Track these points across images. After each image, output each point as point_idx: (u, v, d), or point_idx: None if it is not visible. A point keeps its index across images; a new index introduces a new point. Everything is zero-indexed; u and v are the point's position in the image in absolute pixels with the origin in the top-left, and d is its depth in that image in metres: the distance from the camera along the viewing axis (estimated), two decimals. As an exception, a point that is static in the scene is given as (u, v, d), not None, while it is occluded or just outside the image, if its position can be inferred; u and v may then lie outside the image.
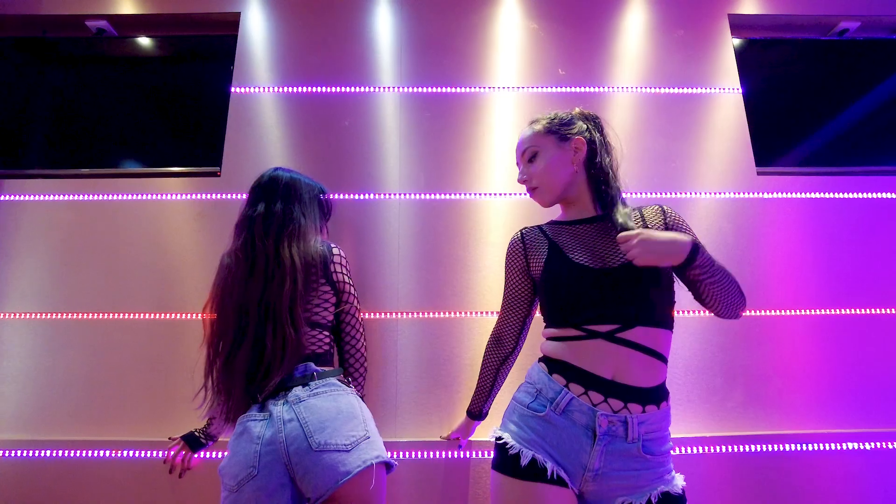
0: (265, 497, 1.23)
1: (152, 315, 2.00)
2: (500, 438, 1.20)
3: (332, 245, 1.55)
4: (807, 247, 2.11)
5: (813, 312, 2.03)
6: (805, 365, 1.98)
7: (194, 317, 1.98)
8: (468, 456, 1.80)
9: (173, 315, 1.99)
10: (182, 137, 2.29)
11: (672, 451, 1.19)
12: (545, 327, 1.30)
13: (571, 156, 1.32)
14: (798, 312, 2.03)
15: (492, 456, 1.22)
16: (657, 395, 1.15)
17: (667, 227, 1.29)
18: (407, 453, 1.80)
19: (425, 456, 1.80)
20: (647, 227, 1.28)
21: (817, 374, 1.97)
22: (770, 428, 1.90)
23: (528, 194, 1.40)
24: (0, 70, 2.38)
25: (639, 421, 1.11)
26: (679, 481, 1.14)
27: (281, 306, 1.36)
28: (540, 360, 1.28)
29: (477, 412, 1.60)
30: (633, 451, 1.11)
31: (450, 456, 1.80)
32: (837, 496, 1.82)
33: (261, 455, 1.26)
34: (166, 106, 2.35)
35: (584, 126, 1.36)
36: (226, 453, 1.33)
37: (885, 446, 1.85)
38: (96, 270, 2.06)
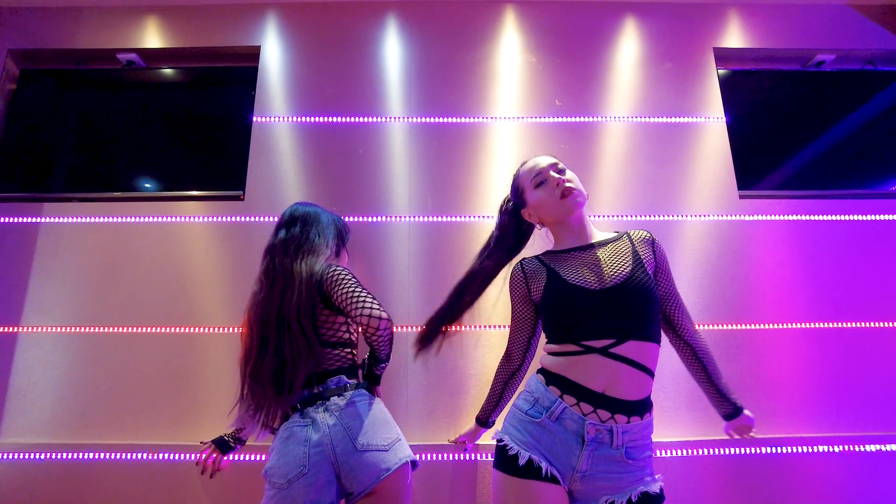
0: (314, 492, 1.41)
1: (177, 329, 2.18)
2: (500, 440, 1.37)
3: (335, 267, 1.64)
4: (785, 265, 2.30)
5: (792, 326, 2.21)
6: (785, 374, 2.16)
7: (217, 330, 2.16)
8: (474, 458, 1.98)
9: (197, 329, 2.17)
10: (207, 163, 2.48)
11: (654, 455, 1.37)
12: (546, 342, 1.47)
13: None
14: (778, 326, 2.21)
15: (493, 456, 1.40)
16: (642, 407, 1.32)
17: (656, 264, 1.47)
18: (417, 455, 1.97)
19: (434, 458, 1.97)
20: (634, 249, 1.46)
21: (797, 382, 2.15)
22: (755, 432, 2.08)
23: (558, 204, 1.46)
24: (36, 99, 2.57)
25: (623, 430, 1.28)
26: (658, 483, 1.31)
27: (292, 317, 1.53)
28: (538, 371, 1.44)
29: (485, 420, 1.78)
30: (617, 456, 1.27)
31: (457, 458, 1.97)
32: (819, 495, 1.99)
33: (310, 455, 1.45)
34: (192, 133, 2.54)
35: None
36: (270, 456, 1.51)
37: (860, 449, 2.02)
38: (126, 287, 2.24)
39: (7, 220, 2.33)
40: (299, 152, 2.39)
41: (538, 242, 1.68)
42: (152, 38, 2.62)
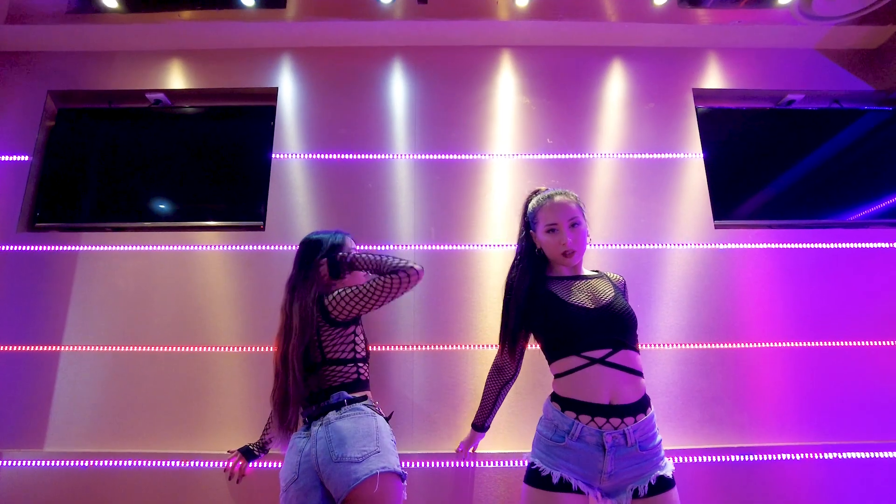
0: (303, 495, 1.67)
1: (202, 348, 2.43)
2: (532, 464, 1.61)
3: (331, 292, 1.87)
4: (758, 289, 2.55)
5: (766, 345, 2.46)
6: (766, 388, 2.41)
7: (236, 350, 2.41)
8: (473, 465, 2.22)
9: (220, 348, 2.43)
10: (229, 195, 2.74)
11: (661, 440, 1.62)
12: (550, 363, 1.70)
13: (589, 228, 1.77)
14: (752, 345, 2.46)
15: (524, 475, 1.61)
16: (642, 405, 1.58)
17: (625, 292, 1.79)
18: (420, 463, 2.22)
19: (437, 465, 2.21)
20: (614, 286, 1.73)
21: (777, 395, 2.40)
22: (739, 441, 2.32)
23: (561, 257, 1.71)
24: (72, 136, 2.84)
25: (633, 430, 1.54)
26: (669, 465, 1.58)
27: (289, 358, 1.80)
28: (552, 399, 1.67)
29: (481, 426, 2.03)
30: (633, 451, 1.53)
31: (457, 465, 2.21)
32: (796, 498, 2.23)
33: (300, 464, 1.71)
34: (215, 167, 2.80)
35: None
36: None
37: (832, 456, 2.27)
38: (157, 310, 2.50)
39: (48, 248, 2.59)
40: (314, 186, 2.65)
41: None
42: (177, 79, 2.89)
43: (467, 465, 2.21)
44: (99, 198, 2.77)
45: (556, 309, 1.65)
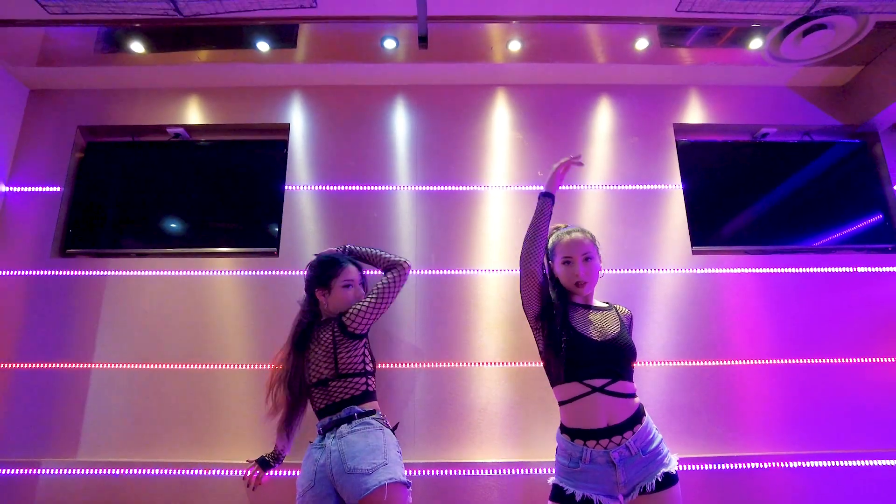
0: (319, 501, 1.92)
1: (222, 366, 2.67)
2: (557, 484, 1.85)
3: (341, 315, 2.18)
4: (732, 310, 2.80)
5: (745, 363, 2.71)
6: (744, 401, 2.65)
7: (253, 367, 2.65)
8: (470, 474, 2.45)
9: (238, 366, 2.67)
10: (245, 223, 3.00)
11: (662, 439, 1.86)
12: (553, 386, 1.95)
13: (601, 261, 2.03)
14: (731, 363, 2.71)
15: (550, 494, 1.85)
16: (636, 418, 1.84)
17: (631, 325, 2.05)
18: (423, 471, 2.45)
19: (437, 473, 2.45)
20: (621, 320, 1.99)
21: (756, 408, 2.64)
22: (724, 451, 2.57)
23: (573, 287, 1.99)
24: (99, 167, 3.09)
25: (634, 440, 1.80)
26: (674, 461, 1.82)
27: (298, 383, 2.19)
28: (562, 430, 1.91)
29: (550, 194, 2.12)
30: (639, 458, 1.79)
31: (456, 474, 2.45)
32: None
33: (316, 472, 1.95)
34: (232, 197, 3.05)
35: None
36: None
37: (814, 465, 2.53)
38: (179, 330, 2.74)
39: (78, 273, 2.83)
40: (324, 215, 2.91)
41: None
42: (196, 114, 3.15)
43: (465, 474, 2.44)
44: (124, 225, 3.02)
45: (566, 334, 1.90)
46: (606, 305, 2.06)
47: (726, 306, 2.82)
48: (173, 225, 3.03)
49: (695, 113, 3.19)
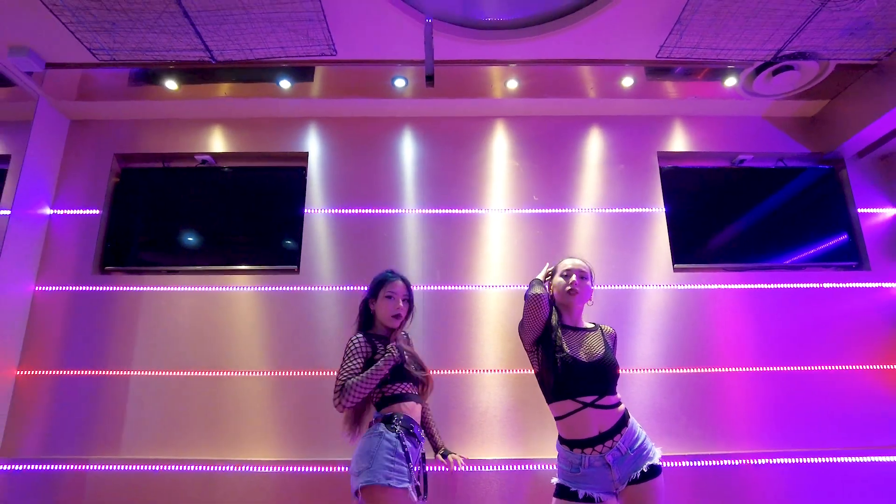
0: None
1: (247, 372, 3.01)
2: (561, 484, 2.17)
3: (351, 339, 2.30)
4: (710, 322, 3.15)
5: (723, 370, 3.05)
6: (723, 404, 2.99)
7: (278, 374, 2.99)
8: (473, 469, 2.78)
9: (263, 373, 3.01)
10: (268, 243, 3.35)
11: (645, 436, 2.17)
12: (549, 403, 2.25)
13: (592, 287, 2.38)
14: (711, 370, 3.05)
15: (554, 492, 2.16)
16: (623, 422, 2.15)
17: (615, 344, 2.37)
18: (431, 467, 2.76)
19: (444, 469, 2.77)
20: (605, 340, 2.31)
21: (734, 411, 2.98)
22: (704, 449, 2.91)
23: (565, 294, 2.32)
24: (133, 191, 3.45)
25: (622, 441, 2.12)
26: (657, 454, 2.14)
27: None
28: (561, 442, 2.22)
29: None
30: (628, 455, 2.11)
31: (461, 469, 2.78)
32: (761, 494, 2.82)
33: None
34: (256, 218, 3.41)
35: None
36: None
37: (795, 461, 2.87)
38: (209, 339, 3.08)
39: (116, 288, 3.18)
40: (339, 236, 3.26)
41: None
42: (221, 143, 3.51)
43: (469, 469, 2.77)
44: (156, 244, 3.38)
45: (559, 356, 2.20)
46: (593, 326, 2.38)
47: (706, 319, 3.16)
48: (201, 244, 3.38)
49: (677, 141, 3.55)
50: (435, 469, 2.74)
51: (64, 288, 3.18)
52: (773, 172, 3.59)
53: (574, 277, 2.34)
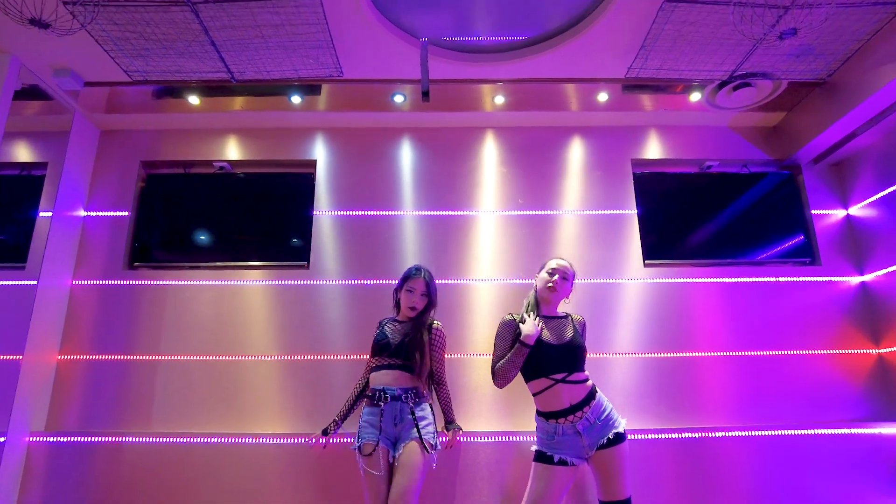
0: None
1: (261, 357, 3.43)
2: (539, 449, 2.55)
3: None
4: (678, 312, 3.57)
5: (693, 354, 3.47)
6: (694, 385, 3.41)
7: (283, 358, 3.41)
8: (464, 440, 3.18)
9: (278, 357, 3.43)
10: (281, 241, 3.78)
11: (611, 408, 2.54)
12: (526, 381, 2.63)
13: (572, 287, 2.77)
14: (683, 354, 3.47)
15: (534, 457, 2.53)
16: (591, 395, 2.53)
17: (583, 330, 2.74)
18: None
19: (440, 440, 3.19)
20: (574, 326, 2.69)
21: (707, 390, 3.40)
22: (676, 423, 3.28)
23: (546, 289, 2.67)
24: (158, 195, 3.87)
25: (591, 412, 2.49)
26: (622, 423, 2.51)
27: None
28: (538, 414, 2.60)
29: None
30: (596, 424, 2.48)
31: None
32: (734, 465, 3.21)
33: None
34: (270, 219, 3.83)
35: None
36: None
37: (762, 434, 3.27)
38: (229, 328, 3.50)
39: (144, 282, 3.60)
40: (345, 235, 3.68)
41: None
42: (237, 151, 3.93)
43: (461, 440, 3.17)
44: (179, 243, 3.80)
45: (535, 343, 2.59)
46: (564, 315, 2.77)
47: (675, 309, 3.59)
48: (220, 243, 3.80)
49: (650, 149, 3.98)
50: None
51: (97, 282, 3.60)
52: (737, 177, 4.02)
53: (557, 277, 2.69)
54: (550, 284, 2.68)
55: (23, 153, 3.66)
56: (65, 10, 2.62)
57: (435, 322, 2.88)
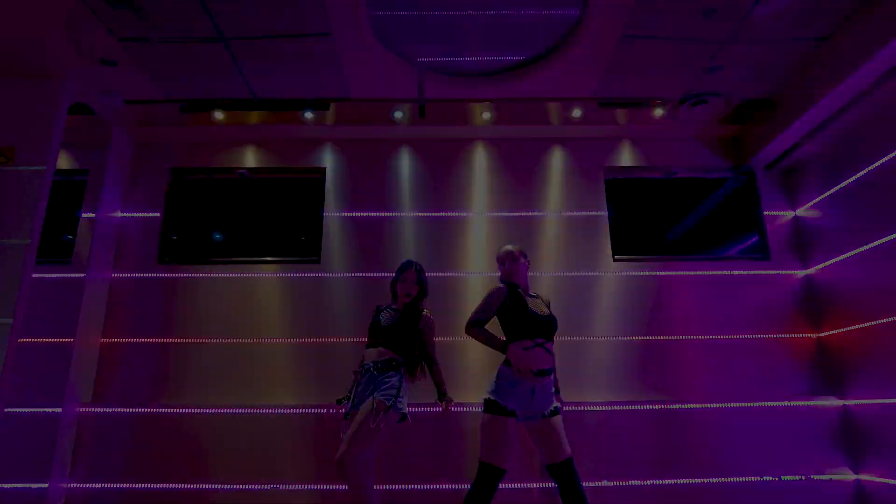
0: None
1: (276, 340, 3.97)
2: (490, 398, 3.00)
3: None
4: (642, 303, 4.11)
5: (660, 338, 4.01)
6: (664, 364, 3.95)
7: (296, 341, 3.95)
8: (456, 410, 3.72)
9: (288, 340, 3.97)
10: (294, 238, 4.33)
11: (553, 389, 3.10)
12: (512, 341, 3.06)
13: (527, 265, 3.27)
14: (650, 338, 4.01)
15: (484, 406, 2.98)
16: (550, 370, 3.02)
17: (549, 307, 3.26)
18: (427, 408, 3.72)
19: (435, 410, 3.72)
20: (546, 303, 3.22)
21: (673, 368, 3.94)
22: (648, 397, 3.83)
23: (508, 277, 3.17)
24: (184, 198, 4.42)
25: (546, 383, 2.96)
26: (556, 402, 3.01)
27: None
28: (505, 363, 3.07)
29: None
30: (544, 393, 2.94)
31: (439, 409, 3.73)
32: (702, 435, 3.76)
33: None
34: (285, 219, 4.39)
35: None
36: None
37: (734, 406, 3.82)
38: (247, 314, 4.04)
39: (174, 275, 4.14)
40: (351, 234, 4.23)
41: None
42: (255, 159, 4.48)
43: (453, 410, 3.71)
44: (203, 241, 4.35)
45: (524, 310, 3.06)
46: (537, 295, 3.30)
47: (640, 299, 4.13)
48: (241, 240, 4.35)
49: (621, 157, 4.52)
50: (429, 410, 3.69)
51: (134, 275, 4.15)
52: (700, 182, 4.57)
53: (506, 264, 3.18)
54: (508, 273, 3.13)
55: (63, 161, 4.21)
56: (117, 45, 3.17)
57: (424, 310, 3.37)
